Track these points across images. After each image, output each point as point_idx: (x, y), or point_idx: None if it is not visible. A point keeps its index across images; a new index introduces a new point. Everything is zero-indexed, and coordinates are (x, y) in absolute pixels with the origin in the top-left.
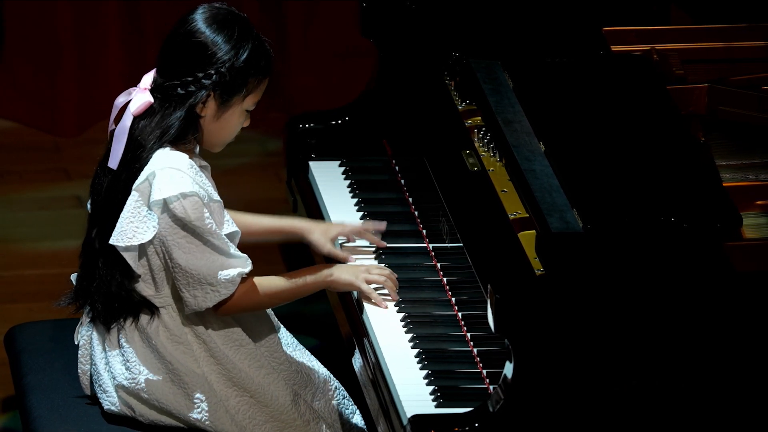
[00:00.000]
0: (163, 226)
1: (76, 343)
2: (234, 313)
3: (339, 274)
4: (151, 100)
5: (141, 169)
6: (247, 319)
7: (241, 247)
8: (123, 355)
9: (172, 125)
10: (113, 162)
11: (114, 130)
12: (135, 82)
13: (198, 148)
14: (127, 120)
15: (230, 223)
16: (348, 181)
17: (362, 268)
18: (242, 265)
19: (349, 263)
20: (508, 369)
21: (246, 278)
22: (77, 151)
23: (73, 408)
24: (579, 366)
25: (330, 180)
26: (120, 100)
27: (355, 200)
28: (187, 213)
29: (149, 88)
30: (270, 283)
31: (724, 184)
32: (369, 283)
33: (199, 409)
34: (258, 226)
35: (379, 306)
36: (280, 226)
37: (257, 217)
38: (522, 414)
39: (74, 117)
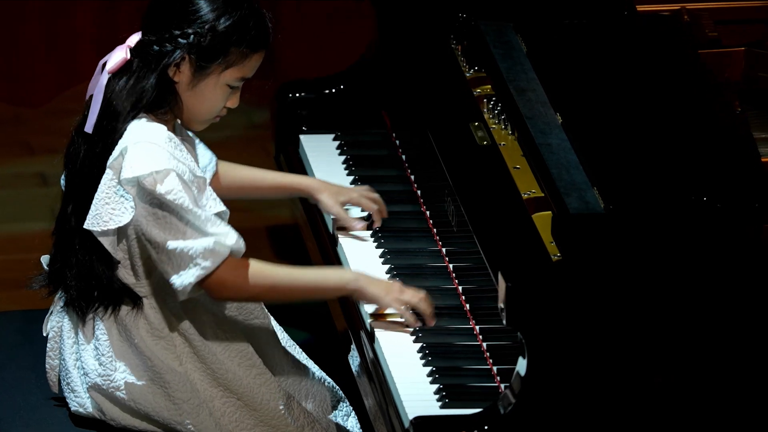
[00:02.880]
0: (138, 206)
1: (44, 334)
2: (229, 298)
3: (366, 285)
4: (127, 56)
5: (116, 141)
6: (236, 314)
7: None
8: (97, 348)
9: (146, 90)
10: (89, 125)
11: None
12: (107, 46)
13: (179, 122)
14: (103, 78)
15: (217, 201)
16: (343, 157)
17: (396, 286)
18: (224, 237)
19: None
20: (521, 366)
21: (241, 259)
22: (41, 123)
23: (38, 410)
24: (600, 363)
25: (323, 155)
26: (105, 59)
27: (351, 178)
28: (162, 191)
29: (131, 46)
30: (276, 270)
31: (762, 160)
32: (401, 303)
33: (180, 411)
34: (262, 181)
35: (412, 326)
36: (286, 183)
37: (261, 171)
38: (537, 416)
39: (37, 85)
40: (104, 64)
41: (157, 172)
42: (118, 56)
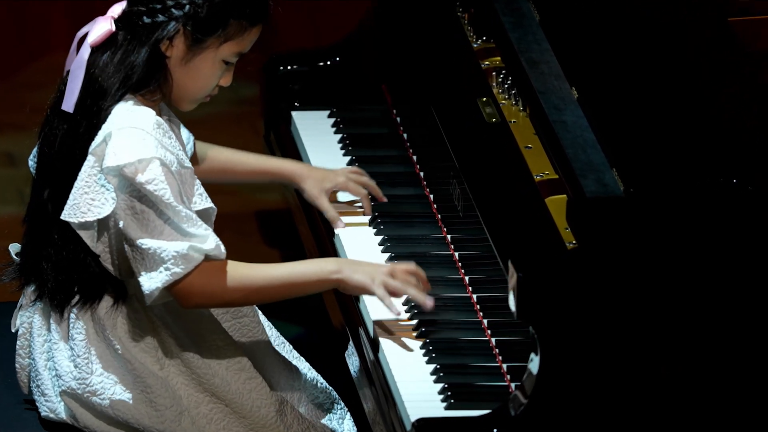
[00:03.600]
0: (118, 197)
1: (13, 330)
2: (199, 305)
3: (350, 273)
4: (113, 28)
5: (102, 123)
6: (224, 313)
7: (221, 199)
8: (72, 349)
9: (136, 65)
10: (68, 104)
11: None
12: (82, 15)
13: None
14: (84, 52)
15: (204, 197)
16: (339, 136)
17: (383, 269)
18: (201, 241)
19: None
20: (534, 363)
21: (215, 263)
22: (7, 98)
23: (5, 412)
24: (620, 360)
25: (317, 134)
26: (83, 31)
27: (348, 158)
28: (142, 180)
29: (116, 17)
30: (251, 272)
31: None
32: (390, 289)
33: (163, 419)
34: (241, 165)
35: (394, 312)
36: (267, 168)
37: (240, 154)
38: (550, 418)
39: (2, 55)
40: (83, 37)
41: (141, 160)
42: (102, 28)
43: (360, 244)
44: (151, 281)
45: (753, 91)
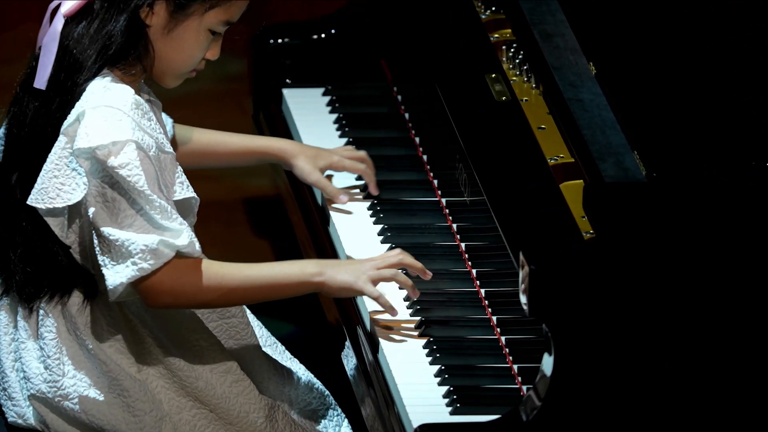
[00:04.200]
0: (90, 182)
1: None
2: (167, 305)
3: (333, 273)
4: None
5: (76, 100)
6: (208, 311)
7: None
8: (42, 348)
9: (114, 35)
10: (40, 80)
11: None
12: None
13: (143, 78)
14: (58, 23)
15: (185, 186)
16: (335, 115)
17: (368, 265)
18: (174, 236)
19: (347, 262)
20: (547, 364)
21: (187, 261)
22: None
23: None
24: (641, 360)
25: (311, 113)
26: (56, 2)
27: (345, 140)
28: (115, 163)
29: None
30: (226, 272)
31: None
32: (378, 282)
33: (141, 425)
34: (224, 146)
35: (389, 312)
36: (254, 147)
37: (223, 135)
38: (564, 424)
39: None
40: (56, 8)
41: (115, 143)
42: None
43: (357, 234)
44: (116, 275)
45: None
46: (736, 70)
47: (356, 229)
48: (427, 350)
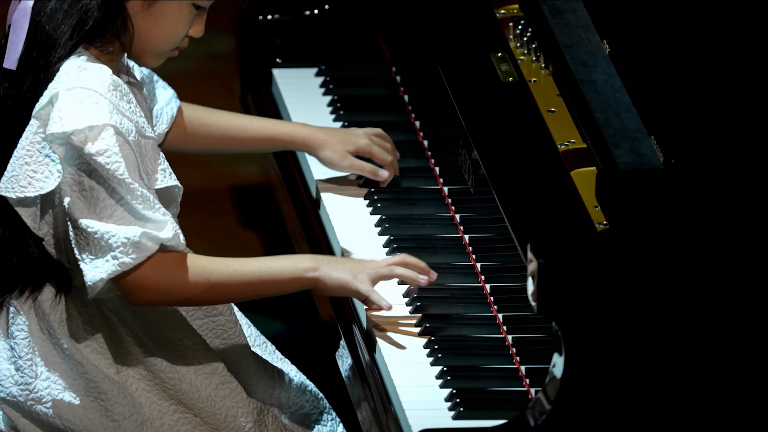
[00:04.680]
0: (64, 170)
1: None
2: (150, 302)
3: (328, 270)
4: None
5: (50, 80)
6: (193, 308)
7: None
8: (13, 348)
9: (89, 9)
10: (10, 59)
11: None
12: None
13: (125, 58)
14: None
15: (168, 173)
16: (329, 98)
17: (369, 265)
18: (158, 228)
19: (347, 259)
20: (558, 365)
21: (171, 255)
22: None
23: None
24: (659, 361)
25: (303, 95)
26: None
27: (339, 125)
28: (92, 150)
29: None
30: (214, 267)
31: None
32: (376, 280)
33: (120, 431)
34: (246, 132)
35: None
36: (278, 134)
37: (244, 118)
38: (576, 429)
39: None
40: None
41: (92, 127)
42: None
43: (353, 225)
44: (95, 271)
45: None
46: (763, 47)
47: (352, 220)
48: (428, 350)
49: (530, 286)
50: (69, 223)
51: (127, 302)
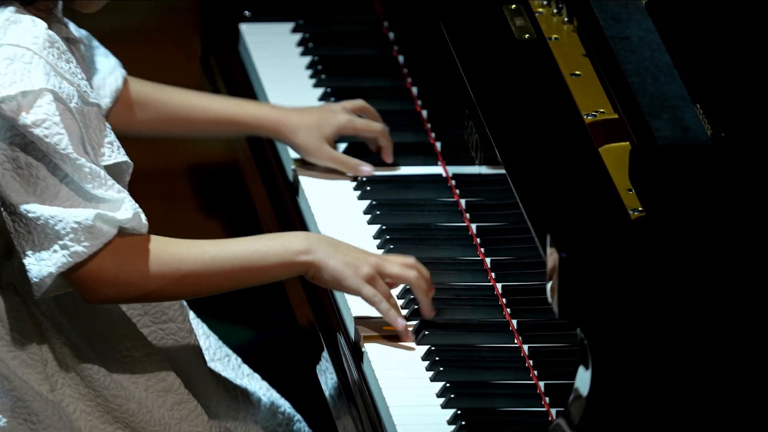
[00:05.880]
0: None
1: None
2: (110, 299)
3: (324, 256)
4: None
5: None
6: (141, 314)
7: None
8: None
9: None
10: None
11: None
12: None
13: (60, 7)
14: None
15: (116, 147)
16: (308, 59)
17: (371, 259)
18: (114, 207)
19: (341, 245)
20: (583, 380)
21: (131, 239)
22: None
23: None
24: (703, 375)
25: (276, 56)
26: None
27: (320, 91)
28: (28, 121)
29: None
30: (185, 252)
31: None
32: (379, 288)
33: None
34: (202, 113)
35: (393, 324)
36: (240, 116)
37: (201, 96)
38: None
39: None
40: None
41: (25, 93)
42: None
43: (337, 212)
44: (41, 264)
45: None
46: None
47: (336, 206)
48: (427, 362)
49: (550, 286)
50: (4, 208)
51: (63, 305)
